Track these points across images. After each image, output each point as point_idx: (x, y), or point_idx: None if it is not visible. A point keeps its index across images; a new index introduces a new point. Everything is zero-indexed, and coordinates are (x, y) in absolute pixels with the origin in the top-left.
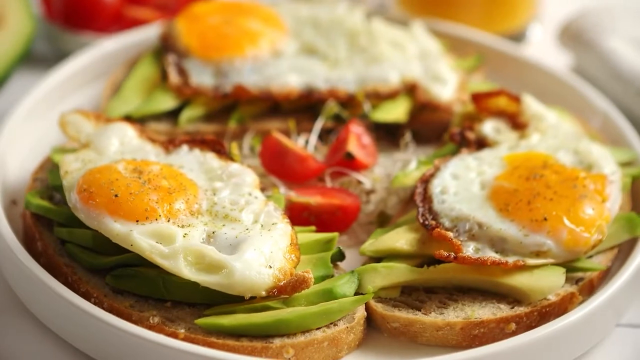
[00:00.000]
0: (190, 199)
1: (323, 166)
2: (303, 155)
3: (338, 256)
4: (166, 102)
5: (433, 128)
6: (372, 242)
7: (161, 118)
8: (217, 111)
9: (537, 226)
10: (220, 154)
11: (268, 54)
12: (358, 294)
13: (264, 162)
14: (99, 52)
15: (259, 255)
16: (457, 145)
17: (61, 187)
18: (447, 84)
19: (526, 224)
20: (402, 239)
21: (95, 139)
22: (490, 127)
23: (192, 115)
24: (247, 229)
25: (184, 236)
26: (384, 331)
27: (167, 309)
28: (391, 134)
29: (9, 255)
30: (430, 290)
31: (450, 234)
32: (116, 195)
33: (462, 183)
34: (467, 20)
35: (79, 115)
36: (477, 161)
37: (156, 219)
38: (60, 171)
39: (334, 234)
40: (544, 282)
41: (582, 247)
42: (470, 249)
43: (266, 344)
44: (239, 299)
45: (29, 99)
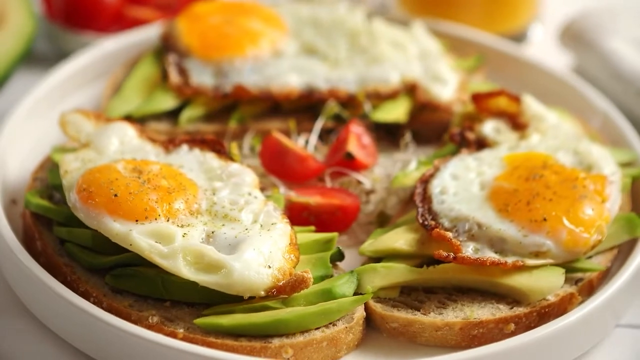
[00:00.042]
0: (190, 199)
1: (323, 166)
2: (303, 155)
3: (337, 256)
4: (166, 102)
5: (433, 128)
6: (371, 242)
7: (161, 118)
8: (217, 111)
9: (536, 226)
10: (220, 153)
11: (268, 54)
12: (357, 294)
13: (264, 162)
14: (99, 51)
15: (258, 255)
16: (457, 146)
17: (61, 187)
18: (447, 84)
19: (525, 225)
20: (402, 239)
21: (95, 138)
22: (490, 128)
23: (192, 115)
24: (247, 229)
25: (183, 236)
26: (383, 331)
27: (166, 309)
28: (391, 134)
29: (8, 254)
30: (430, 291)
31: (450, 234)
32: (116, 195)
33: (462, 183)
34: (467, 21)
35: (79, 114)
36: (476, 161)
37: (155, 219)
38: (60, 170)
39: (334, 234)
40: (543, 283)
41: (582, 248)
42: (470, 249)
43: (265, 343)
44: (238, 299)
45: (30, 98)
